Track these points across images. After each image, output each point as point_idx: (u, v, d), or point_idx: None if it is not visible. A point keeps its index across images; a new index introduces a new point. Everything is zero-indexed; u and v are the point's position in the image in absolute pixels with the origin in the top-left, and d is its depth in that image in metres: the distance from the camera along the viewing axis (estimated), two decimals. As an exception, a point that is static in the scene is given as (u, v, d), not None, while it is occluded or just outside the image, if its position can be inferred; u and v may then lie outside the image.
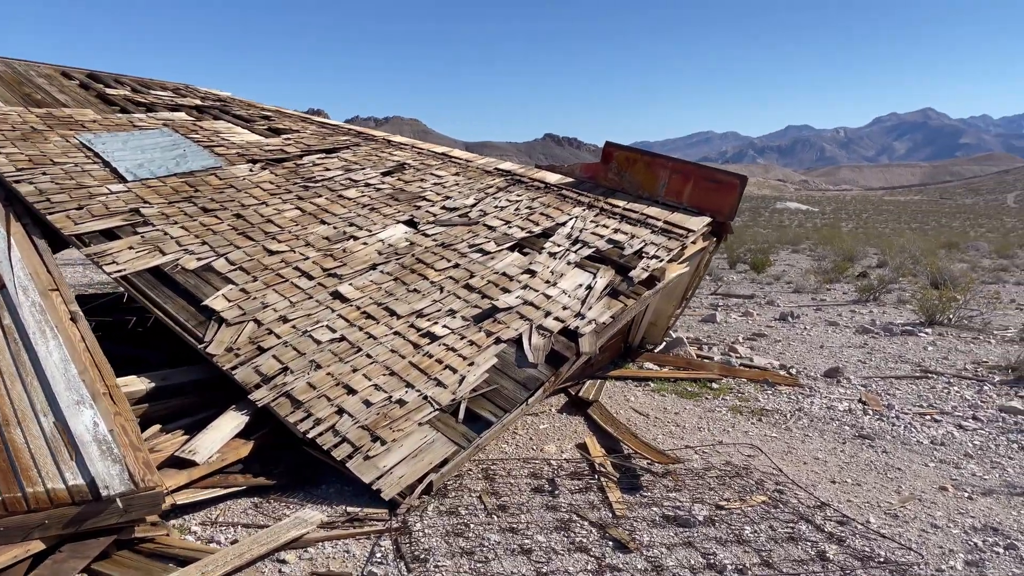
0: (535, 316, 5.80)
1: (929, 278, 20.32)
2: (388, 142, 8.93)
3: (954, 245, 36.48)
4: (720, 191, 6.88)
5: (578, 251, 6.50)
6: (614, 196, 7.44)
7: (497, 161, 8.45)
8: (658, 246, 6.49)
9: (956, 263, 25.07)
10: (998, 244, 38.81)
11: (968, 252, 34.47)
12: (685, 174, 7.12)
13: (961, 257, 29.97)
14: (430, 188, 7.59)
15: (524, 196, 7.46)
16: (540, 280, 6.19)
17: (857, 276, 21.74)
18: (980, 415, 7.63)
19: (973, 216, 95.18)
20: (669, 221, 6.84)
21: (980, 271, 23.64)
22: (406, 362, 5.40)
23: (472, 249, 6.54)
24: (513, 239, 6.68)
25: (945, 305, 13.53)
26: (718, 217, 6.89)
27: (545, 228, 6.86)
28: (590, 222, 6.93)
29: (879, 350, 11.15)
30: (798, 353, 10.91)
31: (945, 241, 38.59)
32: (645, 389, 8.07)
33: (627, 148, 7.49)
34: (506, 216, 7.09)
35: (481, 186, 7.67)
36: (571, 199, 7.38)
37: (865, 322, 13.76)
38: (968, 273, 21.93)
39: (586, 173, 7.79)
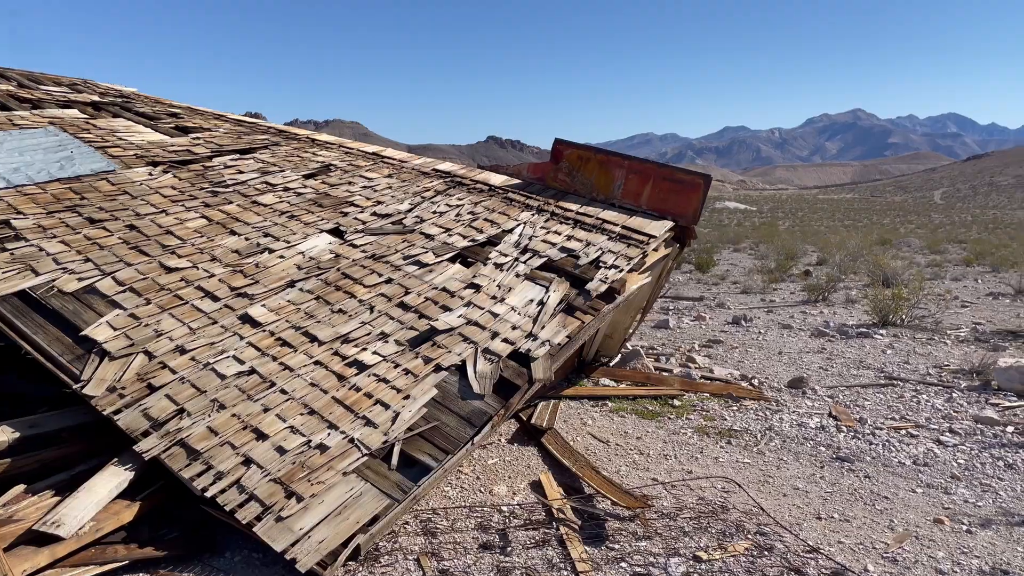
0: (480, 338, 5.07)
1: (872, 276, 20.51)
2: (313, 141, 8.06)
3: (887, 242, 37.42)
4: (682, 192, 6.26)
5: (528, 261, 5.79)
6: (566, 199, 6.75)
7: (435, 162, 7.67)
8: (616, 254, 5.83)
9: (893, 260, 25.53)
10: (928, 240, 40.01)
11: (901, 248, 35.35)
12: (643, 174, 6.48)
13: (896, 254, 30.62)
14: (359, 192, 6.77)
15: (466, 200, 6.71)
16: (485, 295, 5.45)
17: (801, 274, 21.91)
18: (956, 427, 7.22)
19: (903, 213, 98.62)
20: (627, 226, 6.19)
21: (918, 268, 24.01)
22: (329, 398, 4.59)
23: (407, 261, 5.76)
24: (454, 249, 5.92)
25: (897, 306, 13.38)
26: (681, 221, 6.27)
27: (490, 236, 6.13)
28: (540, 228, 6.23)
29: (838, 355, 10.81)
30: (757, 361, 10.47)
31: (879, 238, 39.56)
32: (603, 409, 7.41)
33: (579, 146, 6.81)
34: (446, 223, 6.33)
35: (417, 189, 6.88)
36: (518, 203, 6.66)
37: (818, 324, 13.55)
38: (909, 270, 22.21)
39: (534, 174, 7.08)
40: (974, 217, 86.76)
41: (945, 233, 51.95)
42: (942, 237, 44.01)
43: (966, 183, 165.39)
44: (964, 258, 28.40)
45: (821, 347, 11.38)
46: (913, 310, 13.50)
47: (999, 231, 57.84)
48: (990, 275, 23.18)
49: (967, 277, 22.50)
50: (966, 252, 31.81)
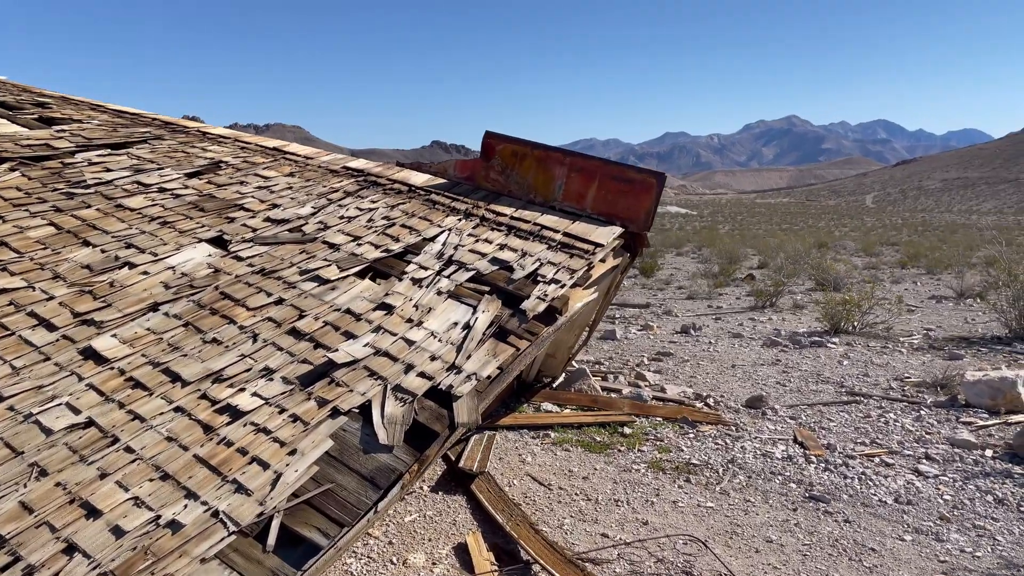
0: (391, 372, 4.10)
1: (817, 280, 20.40)
2: (204, 135, 6.94)
3: (824, 245, 37.96)
4: (632, 193, 5.40)
5: (452, 275, 4.84)
6: (498, 201, 5.83)
7: (346, 158, 6.64)
8: (557, 266, 4.93)
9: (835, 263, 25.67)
10: (863, 243, 40.79)
11: (838, 251, 35.83)
12: (587, 172, 5.60)
13: (835, 256, 30.90)
14: (252, 193, 5.71)
15: (381, 203, 5.71)
16: (399, 319, 4.48)
17: (744, 278, 21.81)
18: (933, 452, 6.56)
19: (837, 216, 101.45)
20: (570, 233, 5.30)
21: (864, 272, 24.11)
22: (189, 456, 3.56)
23: (304, 276, 4.74)
24: (363, 261, 4.93)
25: (849, 313, 12.98)
26: (631, 226, 5.41)
27: (408, 245, 5.16)
28: (468, 236, 5.29)
29: (794, 367, 10.24)
30: (710, 375, 9.79)
31: (816, 241, 40.14)
32: (545, 442, 6.51)
33: (513, 140, 5.90)
34: (355, 230, 5.33)
35: (323, 190, 5.85)
36: (443, 206, 5.70)
37: (770, 332, 13.08)
38: (852, 275, 22.19)
39: (462, 173, 6.14)
40: (904, 220, 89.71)
41: (878, 236, 53.28)
42: (875, 240, 45.03)
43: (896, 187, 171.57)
44: (899, 260, 28.83)
45: (775, 358, 10.80)
46: (865, 316, 13.13)
47: (928, 233, 59.71)
48: (927, 277, 23.44)
49: (905, 279, 22.68)
50: (900, 255, 32.39)
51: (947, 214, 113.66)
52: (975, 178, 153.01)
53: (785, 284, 17.08)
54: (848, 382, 9.43)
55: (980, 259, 30.29)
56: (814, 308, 15.74)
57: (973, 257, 31.24)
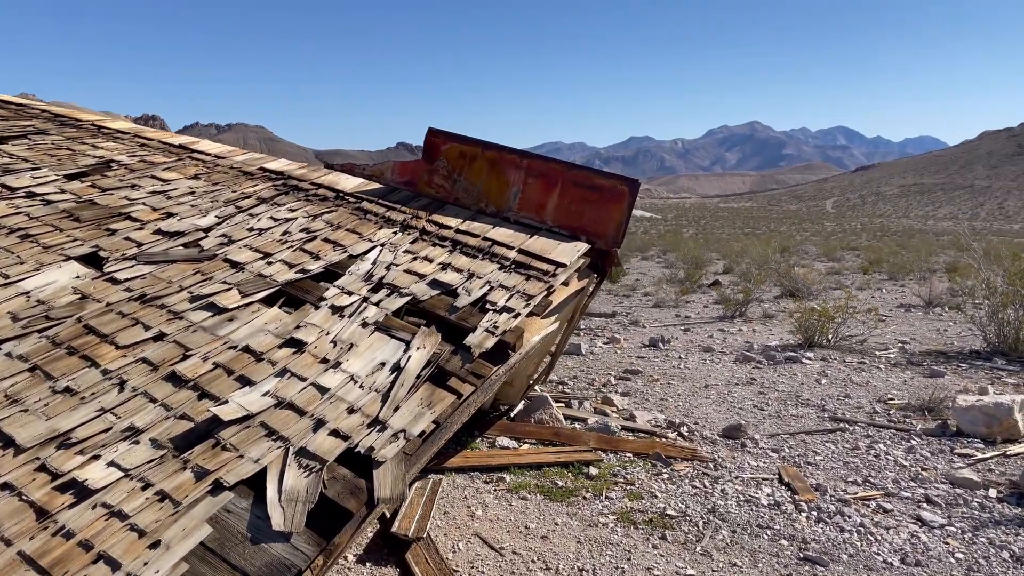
0: (295, 431, 3.21)
1: (784, 288, 19.98)
2: (98, 129, 5.94)
3: (786, 249, 37.94)
4: (601, 203, 4.57)
5: (382, 302, 3.97)
6: (443, 211, 4.95)
7: (265, 158, 5.70)
8: (511, 291, 4.08)
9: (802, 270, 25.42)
10: (824, 247, 40.92)
11: (800, 256, 35.79)
12: (548, 178, 4.77)
13: (797, 261, 30.75)
14: (144, 200, 4.76)
15: (301, 211, 4.80)
16: (312, 358, 3.59)
17: (710, 284, 21.44)
18: (933, 494, 5.86)
19: (798, 221, 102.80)
20: (527, 250, 4.45)
21: (823, 277, 23.84)
22: (11, 555, 2.65)
23: (196, 304, 3.82)
24: (272, 284, 4.02)
25: (823, 326, 12.39)
26: (599, 242, 4.59)
27: (330, 264, 4.27)
28: (404, 253, 4.41)
29: (770, 387, 9.55)
30: (682, 397, 9.02)
31: (779, 245, 40.13)
32: (499, 488, 5.65)
33: (461, 139, 5.03)
34: (266, 245, 4.41)
35: (232, 196, 4.92)
36: (376, 216, 4.82)
37: (741, 345, 12.43)
38: (822, 282, 21.85)
39: (401, 177, 5.25)
40: (863, 225, 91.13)
41: (838, 240, 53.72)
42: (836, 244, 45.30)
43: (855, 192, 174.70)
44: (861, 266, 28.72)
45: (750, 376, 10.10)
46: (839, 329, 12.56)
47: (887, 238, 60.49)
48: (890, 284, 23.27)
49: (869, 286, 22.45)
50: (862, 259, 32.35)
51: (904, 219, 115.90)
52: (931, 184, 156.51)
53: (753, 293, 16.51)
54: (830, 405, 8.76)
55: (940, 265, 30.38)
56: (785, 318, 15.25)
57: (932, 263, 31.33)
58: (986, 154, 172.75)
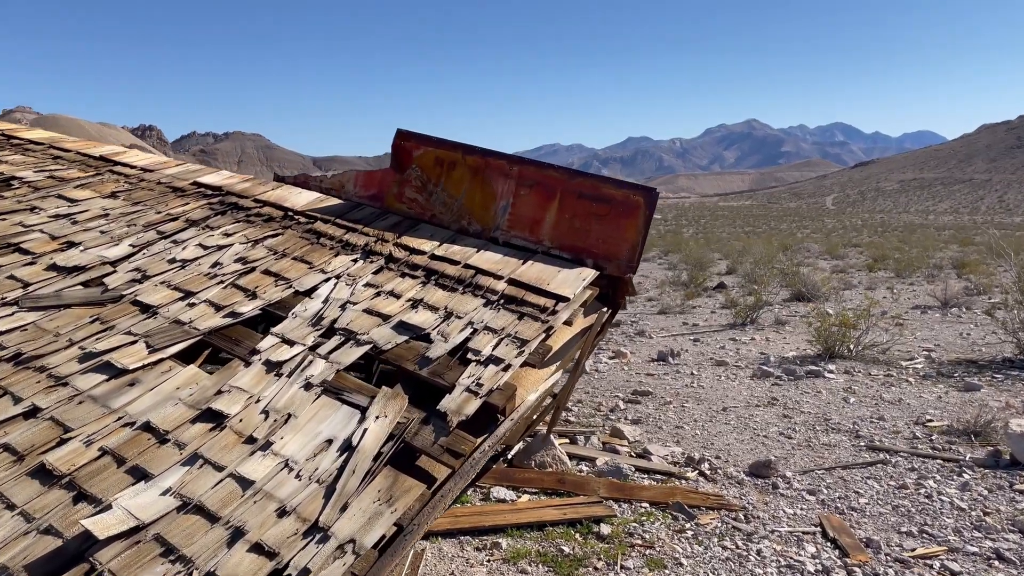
0: (202, 547, 2.32)
1: (792, 290, 19.26)
2: (8, 139, 5.05)
3: (788, 247, 37.23)
4: (611, 218, 3.68)
5: (333, 354, 3.08)
6: (415, 231, 4.05)
7: (200, 170, 4.79)
8: (499, 334, 3.19)
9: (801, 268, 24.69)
10: (826, 245, 40.20)
11: (802, 254, 35.04)
12: (545, 188, 3.87)
13: (801, 260, 30.01)
14: (42, 226, 3.86)
15: (237, 236, 3.92)
16: (234, 437, 2.69)
17: (715, 288, 20.80)
18: (1004, 548, 4.99)
19: (798, 219, 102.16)
20: (519, 280, 3.55)
21: (826, 276, 23.13)
22: None
23: (88, 365, 2.92)
24: (191, 333, 3.13)
25: (844, 335, 11.54)
26: (610, 267, 3.69)
27: (269, 304, 3.38)
28: (365, 287, 3.52)
29: (794, 407, 8.67)
30: (699, 423, 8.14)
31: (780, 244, 39.39)
32: (493, 558, 4.74)
33: (437, 141, 4.14)
34: (189, 280, 3.51)
35: (155, 218, 4.03)
36: (331, 240, 3.92)
37: (756, 358, 11.58)
38: (826, 282, 21.04)
39: (366, 190, 4.36)
40: (864, 221, 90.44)
41: (839, 237, 53.06)
42: (838, 242, 44.60)
43: (855, 189, 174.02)
44: (866, 263, 27.96)
45: (770, 396, 9.24)
46: (861, 338, 11.71)
47: (888, 234, 59.81)
48: (899, 282, 22.59)
49: (879, 285, 21.72)
50: (866, 257, 31.58)
51: (905, 215, 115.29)
52: (931, 179, 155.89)
53: (762, 298, 15.64)
54: (863, 429, 7.88)
55: (946, 260, 29.58)
56: (799, 325, 14.45)
57: (938, 258, 30.55)
58: (985, 147, 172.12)
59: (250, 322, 3.30)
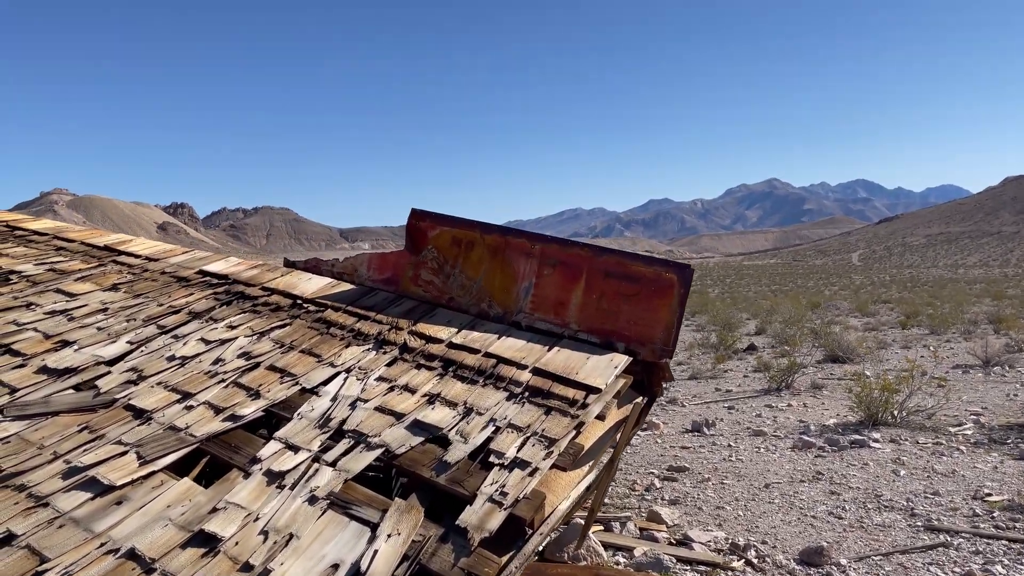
0: None
1: (827, 350, 18.72)
2: (11, 230, 4.92)
3: (816, 305, 36.52)
4: (643, 297, 3.41)
5: (341, 461, 2.79)
6: (432, 318, 3.80)
7: (207, 257, 4.61)
8: (524, 432, 2.89)
9: (831, 324, 24.07)
10: (855, 302, 39.39)
11: (832, 311, 34.31)
12: (570, 267, 3.63)
13: (831, 319, 29.32)
14: (37, 323, 3.67)
15: (242, 329, 3.69)
16: (228, 564, 2.38)
17: (746, 349, 20.26)
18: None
19: (825, 276, 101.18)
20: (545, 370, 3.27)
21: (864, 336, 22.47)
22: None
23: (72, 482, 2.65)
24: (187, 441, 2.86)
25: (887, 401, 10.99)
26: (644, 352, 3.40)
27: (273, 403, 3.12)
28: (377, 381, 3.26)
29: (842, 483, 8.12)
30: (741, 503, 7.62)
31: (808, 301, 38.69)
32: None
33: (453, 220, 3.94)
34: (188, 380, 3.26)
35: (157, 311, 3.83)
36: (342, 330, 3.68)
37: (795, 426, 11.03)
38: (861, 342, 20.44)
39: (380, 273, 4.14)
40: (892, 276, 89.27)
41: (869, 294, 52.15)
42: (868, 298, 43.76)
43: (880, 244, 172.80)
44: (899, 320, 27.22)
45: (815, 469, 8.69)
46: (905, 402, 11.16)
47: (918, 289, 58.78)
48: (935, 339, 21.88)
49: (915, 343, 21.05)
50: (897, 313, 30.78)
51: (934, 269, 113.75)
52: (958, 232, 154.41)
53: (795, 357, 15.12)
54: (919, 507, 7.33)
55: (981, 315, 28.74)
56: (836, 388, 13.89)
57: (973, 313, 29.72)
58: (1011, 199, 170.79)
59: (252, 425, 3.02)
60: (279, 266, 4.46)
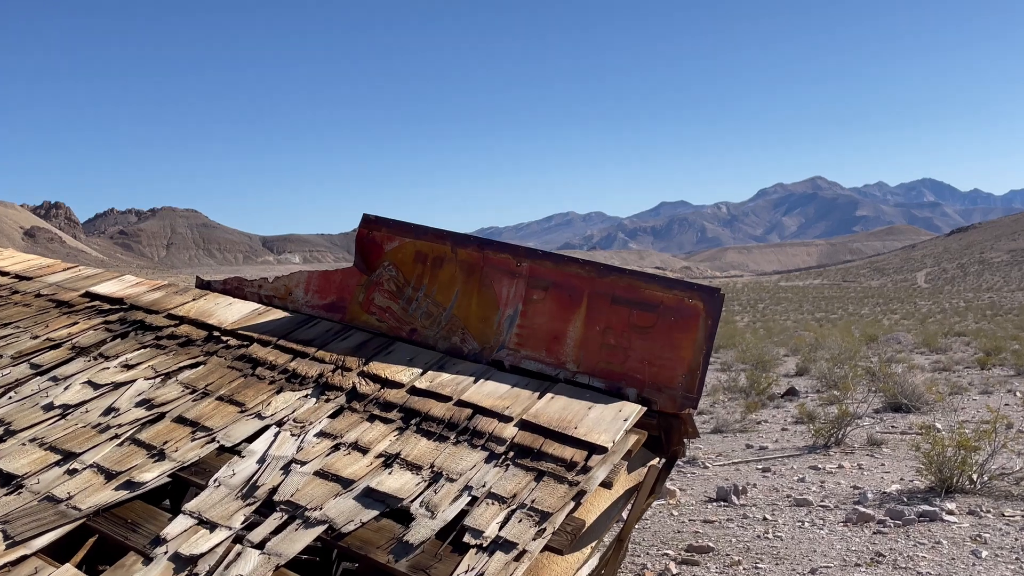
0: None
1: (886, 395, 18.84)
2: None
3: (873, 338, 36.91)
4: (660, 330, 3.48)
5: (272, 542, 2.78)
6: (388, 355, 3.83)
7: (97, 276, 4.57)
8: (509, 503, 2.91)
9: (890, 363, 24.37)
10: (921, 334, 39.89)
11: (892, 347, 34.73)
12: (567, 289, 3.70)
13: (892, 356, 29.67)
14: None
15: (143, 369, 3.71)
16: None
17: (784, 395, 20.41)
18: None
19: (883, 300, 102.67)
20: (535, 423, 3.29)
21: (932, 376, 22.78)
22: None
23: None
24: (70, 516, 2.82)
25: (964, 462, 11.11)
26: (661, 400, 3.44)
27: (183, 466, 3.12)
28: (318, 437, 3.28)
29: (908, 568, 8.19)
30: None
31: (863, 334, 39.18)
32: None
33: (417, 230, 3.98)
34: (70, 435, 3.25)
35: (29, 345, 3.79)
36: (274, 371, 3.72)
37: (847, 494, 11.07)
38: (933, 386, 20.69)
39: (321, 297, 4.18)
40: (968, 302, 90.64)
41: (939, 324, 52.97)
42: (936, 330, 44.39)
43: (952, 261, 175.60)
44: (976, 358, 27.58)
45: (874, 550, 8.76)
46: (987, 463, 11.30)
47: (1001, 318, 59.68)
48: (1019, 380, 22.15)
49: (997, 387, 21.29)
50: (974, 349, 31.21)
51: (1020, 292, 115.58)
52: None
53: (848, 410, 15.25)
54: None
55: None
56: (899, 446, 13.99)
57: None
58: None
59: (155, 495, 3.01)
60: (190, 287, 4.48)
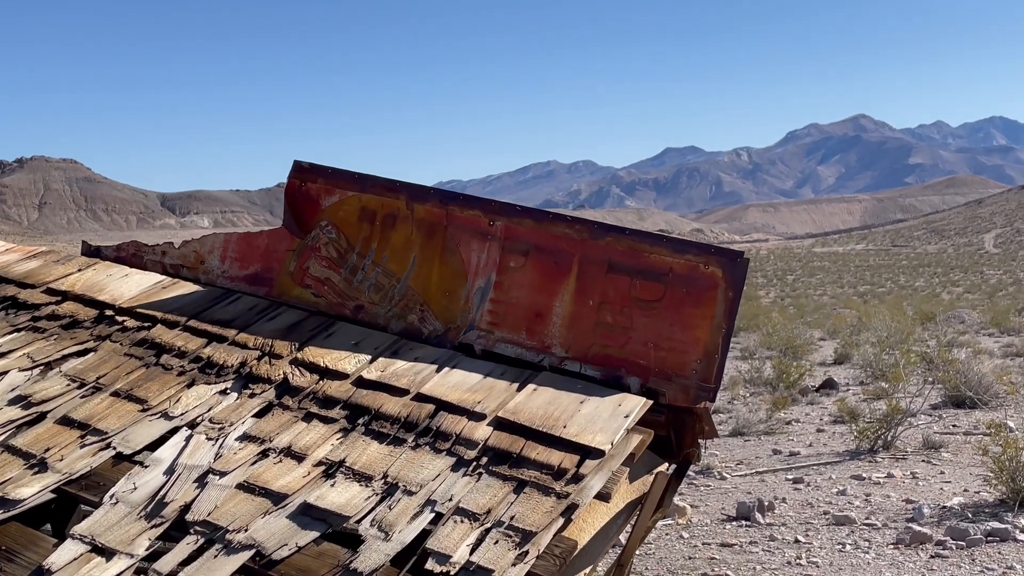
0: None
1: (947, 388, 19.24)
2: None
3: (930, 317, 37.64)
4: (669, 304, 3.70)
5: (182, 573, 2.90)
6: (329, 338, 4.04)
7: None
8: (482, 521, 3.09)
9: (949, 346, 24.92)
10: (990, 311, 40.79)
11: (954, 327, 35.43)
12: (554, 256, 3.89)
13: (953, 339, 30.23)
14: None
15: (17, 356, 3.86)
16: None
17: (819, 388, 20.88)
18: None
19: (943, 270, 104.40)
20: (513, 420, 3.47)
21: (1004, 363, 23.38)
22: None
23: None
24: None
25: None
26: (670, 391, 3.64)
27: (72, 480, 3.29)
28: (241, 441, 3.48)
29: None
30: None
31: (918, 312, 39.95)
32: None
33: (362, 180, 4.14)
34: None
35: None
36: (184, 359, 3.92)
37: (898, 509, 11.40)
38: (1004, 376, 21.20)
39: (242, 266, 4.37)
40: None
41: (1011, 299, 54.07)
42: (1008, 306, 45.41)
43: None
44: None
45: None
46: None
47: (1089, 292, 60.93)
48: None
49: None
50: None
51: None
52: None
53: (898, 404, 15.58)
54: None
55: None
56: (962, 449, 14.34)
57: None
58: None
59: (34, 515, 3.10)
60: (74, 255, 4.59)
